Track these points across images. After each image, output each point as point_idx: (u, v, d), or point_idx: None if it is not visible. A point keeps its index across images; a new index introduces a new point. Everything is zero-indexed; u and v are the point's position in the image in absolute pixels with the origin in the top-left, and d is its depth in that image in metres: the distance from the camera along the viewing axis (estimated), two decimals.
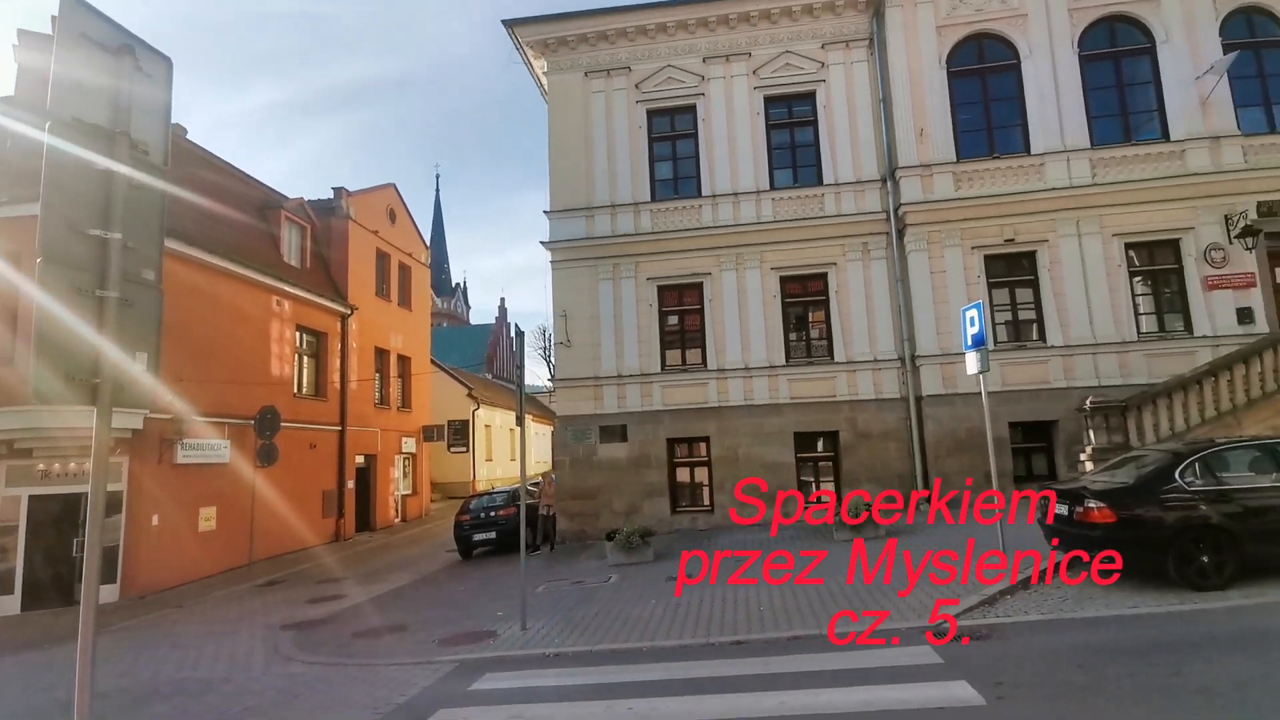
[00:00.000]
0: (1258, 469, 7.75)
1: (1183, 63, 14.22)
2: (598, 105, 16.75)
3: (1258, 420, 11.58)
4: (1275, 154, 13.86)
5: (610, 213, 16.38)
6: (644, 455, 15.53)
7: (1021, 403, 13.91)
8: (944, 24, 15.21)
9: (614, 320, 16.03)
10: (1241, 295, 13.75)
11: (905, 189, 14.85)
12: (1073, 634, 6.25)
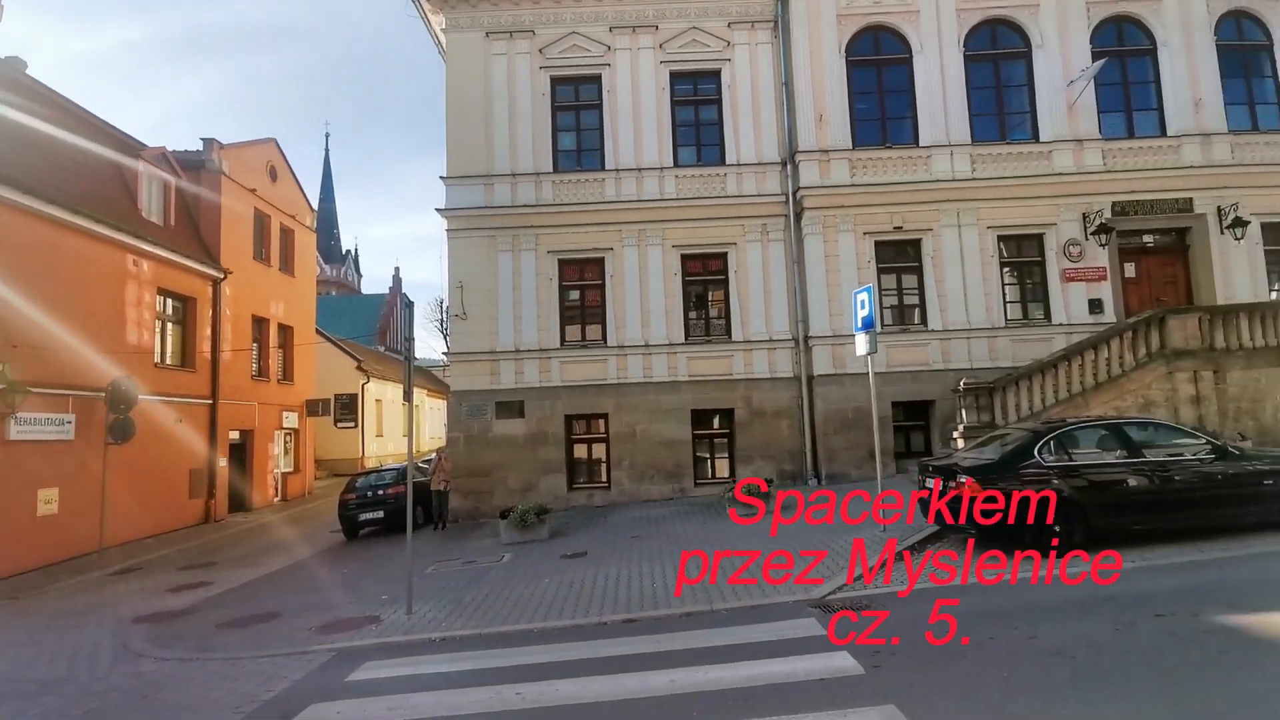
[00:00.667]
0: (1103, 446, 8.49)
1: (1055, 67, 15.25)
2: (499, 68, 16.06)
3: (1102, 402, 12.73)
4: (1131, 158, 15.17)
5: (511, 182, 15.83)
6: (541, 432, 15.28)
7: (903, 383, 14.67)
8: (844, 13, 15.56)
9: (513, 293, 15.58)
10: (1094, 288, 15.05)
11: (804, 173, 15.19)
12: (943, 600, 6.62)
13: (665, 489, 15.08)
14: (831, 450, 14.62)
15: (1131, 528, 7.93)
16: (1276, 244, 15.13)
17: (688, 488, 15.12)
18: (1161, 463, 8.09)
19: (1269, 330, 12.97)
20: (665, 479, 15.12)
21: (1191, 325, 12.92)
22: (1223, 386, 12.76)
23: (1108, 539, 7.78)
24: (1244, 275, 14.87)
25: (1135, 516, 7.93)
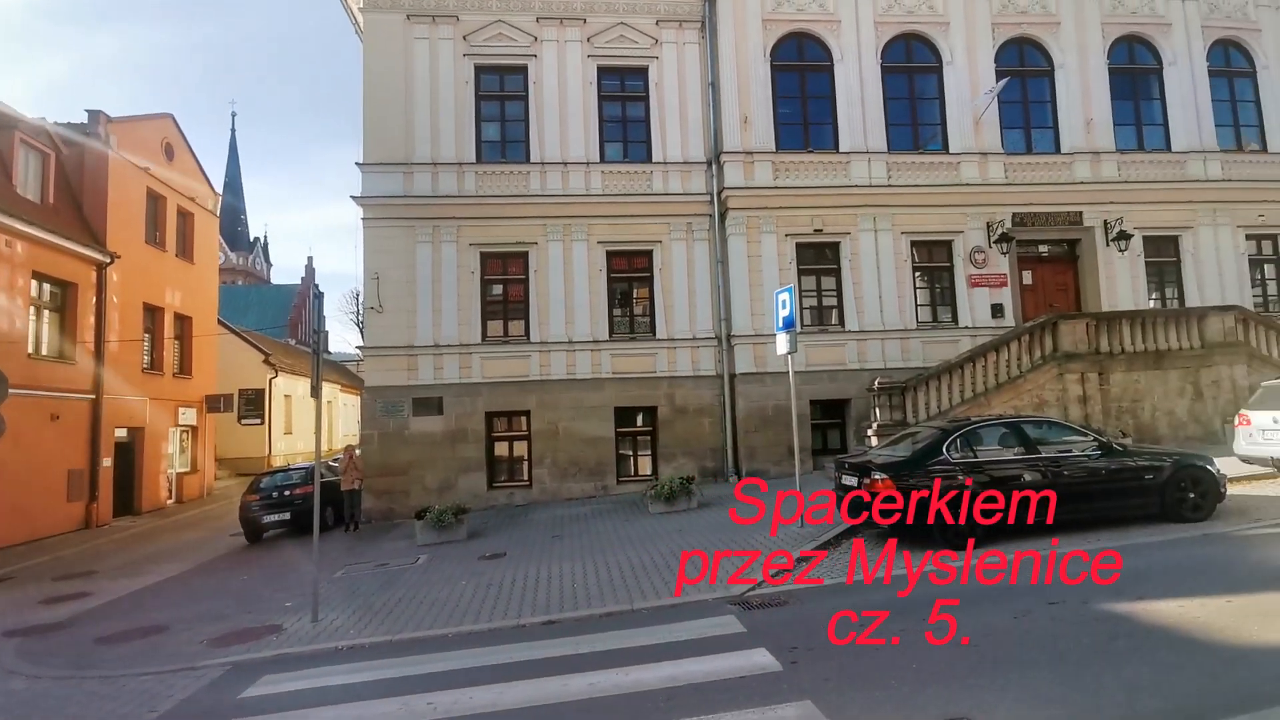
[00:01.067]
0: (1003, 443, 8.93)
1: (963, 83, 16.01)
2: (420, 53, 15.49)
3: (1003, 401, 13.48)
4: (1029, 172, 16.11)
5: (432, 171, 15.31)
6: (461, 429, 14.86)
7: (821, 382, 15.08)
8: (769, 18, 15.83)
9: (432, 286, 15.08)
10: (996, 293, 15.90)
11: (729, 174, 15.36)
12: (854, 595, 6.81)
13: (588, 487, 14.96)
14: (752, 448, 14.86)
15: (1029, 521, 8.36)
16: (1155, 256, 16.41)
17: (610, 485, 15.05)
18: (1054, 459, 8.58)
19: (1147, 336, 14.05)
20: (588, 477, 15.00)
21: (1080, 330, 13.85)
22: (1106, 387, 13.74)
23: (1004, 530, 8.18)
24: (1126, 285, 16.06)
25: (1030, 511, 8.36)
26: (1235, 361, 13.97)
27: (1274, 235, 16.70)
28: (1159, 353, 13.92)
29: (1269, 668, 4.32)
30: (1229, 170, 16.49)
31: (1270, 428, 10.00)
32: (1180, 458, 8.82)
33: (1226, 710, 3.80)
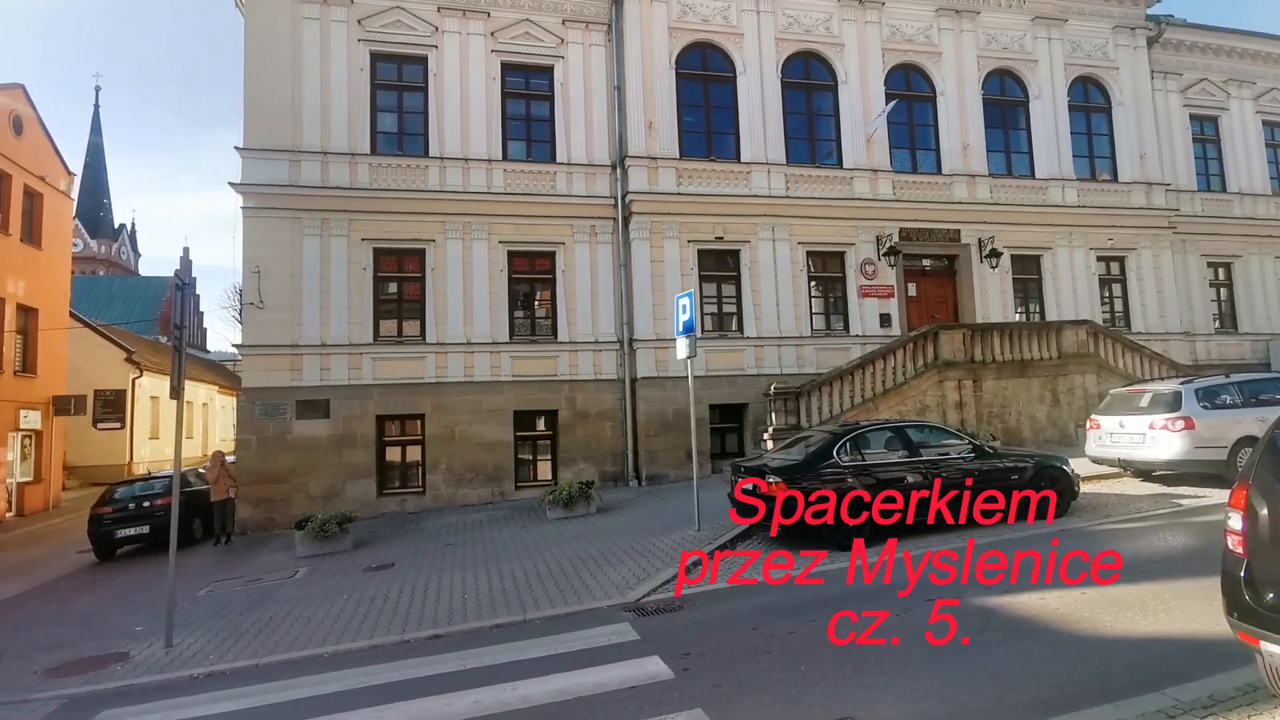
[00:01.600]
0: (888, 447, 9.34)
1: (856, 103, 16.77)
2: (310, 34, 14.61)
3: (889, 406, 14.18)
4: (914, 190, 17.06)
5: (322, 160, 14.45)
6: (349, 433, 14.07)
7: (721, 387, 15.33)
8: (675, 26, 16.00)
9: (320, 282, 14.22)
10: (884, 303, 16.73)
11: (633, 178, 15.38)
12: (749, 599, 6.89)
13: (484, 492, 14.53)
14: (652, 452, 14.90)
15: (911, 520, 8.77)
16: (1021, 273, 17.78)
17: (508, 491, 14.68)
18: (934, 461, 9.06)
19: (1014, 346, 15.19)
20: (485, 482, 14.57)
21: (958, 340, 14.79)
22: (980, 394, 14.74)
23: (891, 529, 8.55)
24: (997, 299, 17.30)
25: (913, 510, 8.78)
26: (1087, 371, 15.33)
27: (1121, 257, 18.48)
28: (1024, 362, 15.08)
29: (1120, 657, 4.66)
30: (1084, 197, 18.11)
31: (1117, 431, 11.01)
32: (1041, 459, 9.54)
33: (1084, 700, 4.05)
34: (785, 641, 5.48)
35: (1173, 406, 10.40)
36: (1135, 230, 18.35)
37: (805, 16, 16.75)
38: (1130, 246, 18.36)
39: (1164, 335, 18.13)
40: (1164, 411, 10.43)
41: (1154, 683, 4.07)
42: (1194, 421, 10.16)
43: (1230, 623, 3.36)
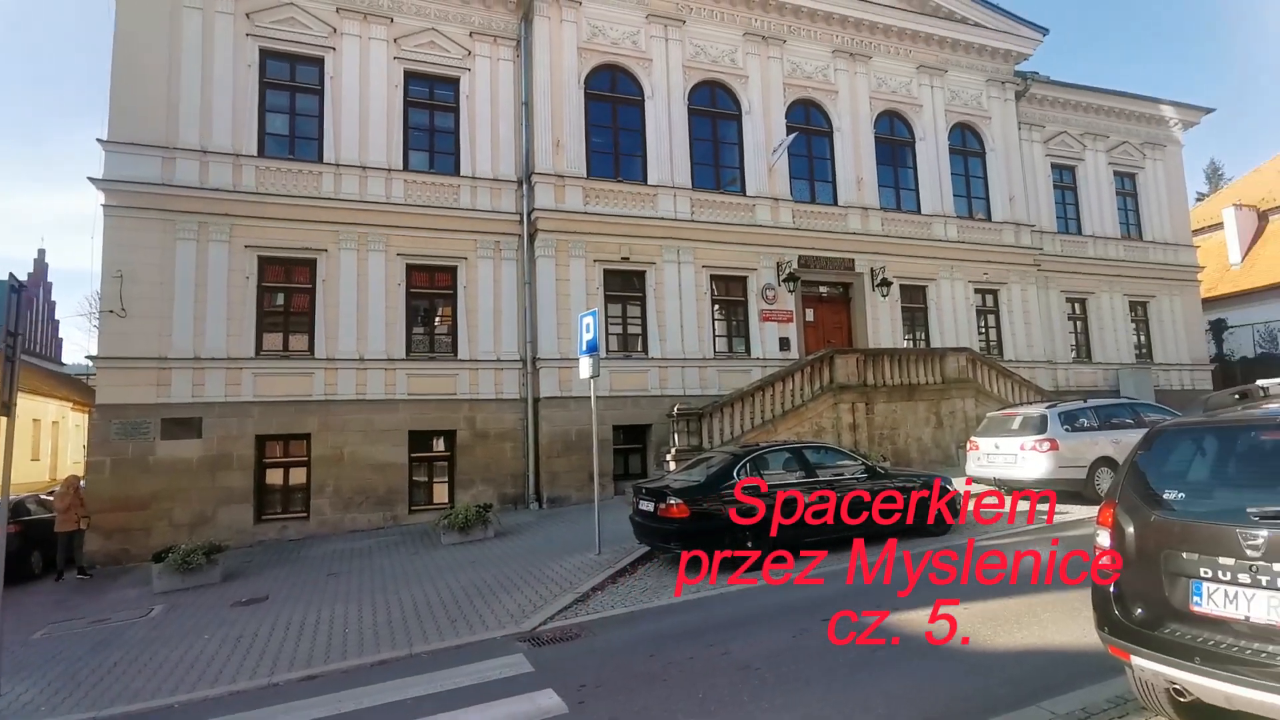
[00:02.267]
0: (786, 467, 9.53)
1: (759, 133, 17.34)
2: (192, 24, 13.62)
3: (788, 428, 14.55)
4: (813, 220, 17.77)
5: (200, 160, 13.42)
6: (224, 455, 12.97)
7: (624, 407, 15.26)
8: (585, 47, 16.04)
9: (195, 290, 13.13)
10: (783, 327, 17.25)
11: (540, 195, 15.19)
12: (648, 624, 6.76)
13: (375, 517, 13.74)
14: (554, 473, 14.60)
15: (807, 540, 8.94)
16: (909, 302, 18.82)
17: (401, 515, 13.95)
18: (829, 481, 9.31)
19: (902, 371, 16.00)
20: (375, 506, 13.78)
21: (852, 364, 15.42)
22: (872, 416, 15.40)
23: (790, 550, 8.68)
24: (887, 325, 18.23)
25: (810, 529, 8.96)
26: (967, 395, 16.35)
27: (995, 290, 19.95)
28: (911, 386, 15.90)
29: (1001, 671, 4.84)
30: (963, 234, 19.47)
31: (993, 452, 11.74)
32: (927, 478, 9.99)
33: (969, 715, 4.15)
34: (684, 667, 5.37)
35: (1040, 429, 11.21)
36: (1006, 266, 19.88)
37: (712, 47, 17.23)
38: (1002, 281, 19.86)
39: (1031, 363, 19.67)
40: (1032, 434, 11.23)
41: (1032, 695, 4.23)
42: (1058, 443, 10.99)
43: (1101, 637, 3.53)
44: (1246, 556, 2.91)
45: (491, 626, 6.94)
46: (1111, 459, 11.14)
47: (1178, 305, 23.01)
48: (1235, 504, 3.08)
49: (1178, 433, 3.63)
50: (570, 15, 15.90)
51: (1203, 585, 3.08)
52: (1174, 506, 3.34)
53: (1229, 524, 3.01)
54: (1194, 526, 3.17)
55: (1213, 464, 3.40)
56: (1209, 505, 3.26)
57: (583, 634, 6.61)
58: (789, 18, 17.99)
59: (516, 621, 7.02)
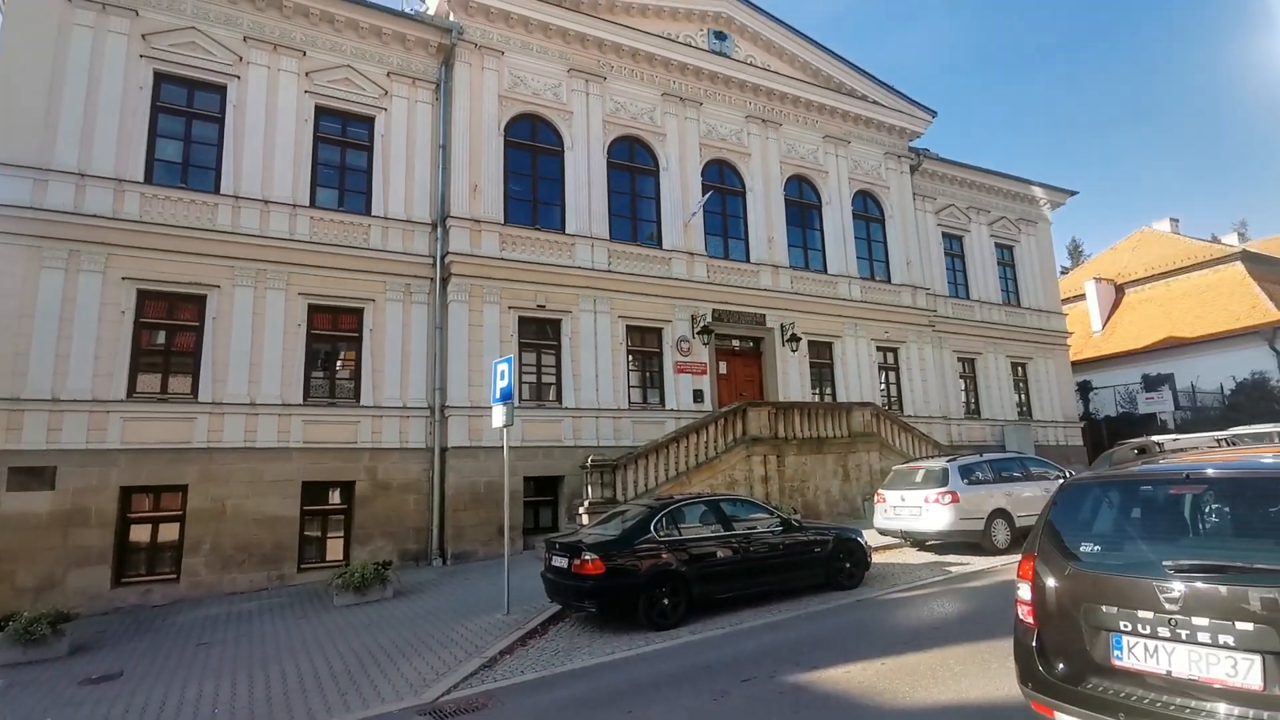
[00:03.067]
0: (703, 521, 9.41)
1: (676, 189, 17.80)
2: (81, 41, 12.67)
3: (702, 480, 14.53)
4: (726, 275, 18.24)
5: (77, 183, 12.32)
6: (80, 509, 11.56)
7: (536, 458, 14.83)
8: (506, 95, 16.08)
9: (60, 325, 11.86)
10: (697, 379, 17.42)
11: (454, 239, 14.86)
12: (563, 689, 6.35)
13: (259, 577, 12.54)
14: (460, 527, 13.88)
15: (722, 595, 8.79)
16: (817, 358, 19.50)
17: (289, 574, 12.81)
18: (746, 535, 9.26)
19: (812, 424, 16.41)
20: (260, 565, 12.60)
21: (764, 417, 15.68)
22: (783, 469, 15.63)
23: (706, 607, 8.49)
24: (796, 380, 18.77)
25: (726, 584, 8.84)
26: (871, 449, 16.92)
27: (895, 348, 21.01)
28: (820, 439, 16.31)
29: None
30: (866, 294, 20.52)
31: (899, 504, 12.09)
32: (839, 532, 10.12)
33: None
34: None
35: (942, 482, 11.67)
36: (905, 325, 21.04)
37: (632, 104, 17.68)
38: (902, 339, 20.96)
39: (929, 418, 20.70)
40: (935, 486, 11.67)
41: None
42: (958, 495, 11.45)
43: (1025, 692, 3.52)
44: (1164, 609, 2.98)
45: (388, 698, 6.32)
46: (1006, 511, 11.72)
47: (1051, 367, 24.98)
48: (1150, 557, 3.18)
49: (1089, 486, 3.77)
50: (492, 64, 15.95)
51: (1123, 639, 3.13)
52: (1090, 559, 3.42)
53: (1145, 577, 3.09)
54: (1111, 579, 3.24)
55: (1125, 517, 3.53)
56: (1124, 558, 3.36)
57: (490, 703, 6.12)
58: (705, 82, 18.78)
59: (416, 692, 6.43)
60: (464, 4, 15.64)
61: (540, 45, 16.64)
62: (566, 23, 16.69)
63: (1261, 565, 2.82)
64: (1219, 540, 3.18)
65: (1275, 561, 2.82)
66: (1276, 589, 2.69)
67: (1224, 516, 3.21)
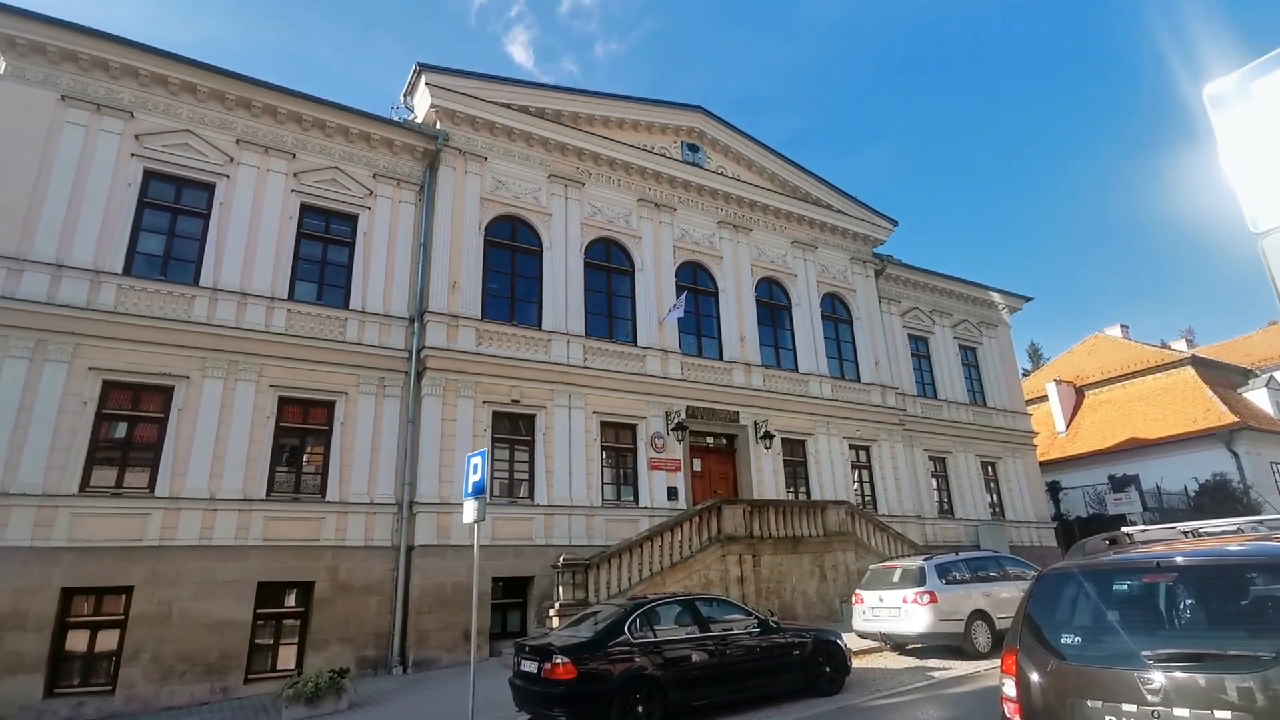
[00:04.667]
0: (679, 622, 9.12)
1: (651, 288, 18.34)
2: (71, 139, 13.03)
3: (676, 580, 14.13)
4: (700, 373, 18.52)
5: (54, 273, 12.32)
6: (17, 610, 10.81)
7: (506, 558, 14.37)
8: (487, 197, 16.72)
9: (16, 415, 11.51)
10: (672, 476, 17.29)
11: (431, 333, 14.98)
12: None
13: (201, 689, 11.66)
14: (424, 631, 13.20)
15: (699, 701, 8.39)
16: (791, 455, 19.56)
17: (234, 685, 11.93)
18: (723, 637, 8.97)
19: (787, 523, 16.23)
20: (204, 675, 11.74)
21: (739, 515, 15.50)
22: (759, 568, 15.30)
23: (682, 715, 8.07)
24: (770, 477, 18.72)
25: (703, 690, 8.46)
26: (847, 548, 16.71)
27: (867, 446, 21.19)
28: (796, 538, 16.09)
29: None
30: (837, 393, 20.89)
31: (878, 605, 11.84)
32: (818, 634, 9.85)
33: None
34: None
35: (919, 581, 11.51)
36: (875, 424, 21.32)
37: (608, 209, 18.47)
38: (873, 438, 21.19)
39: (903, 517, 20.62)
40: (912, 585, 11.49)
41: None
42: (937, 595, 11.26)
43: None
44: (1147, 701, 2.95)
45: None
46: (985, 612, 11.52)
47: (1021, 466, 25.29)
48: (1130, 648, 3.17)
49: (1065, 576, 3.78)
50: (475, 168, 16.68)
51: None
52: (1072, 652, 3.40)
53: (1126, 668, 3.07)
54: (1093, 672, 3.21)
55: (1102, 607, 3.53)
56: (1105, 649, 3.34)
57: None
58: (679, 190, 19.78)
59: None
60: (451, 114, 16.50)
61: (522, 152, 17.50)
62: (548, 132, 17.65)
63: (1235, 652, 2.83)
64: (1194, 628, 3.19)
65: (1248, 648, 2.83)
66: (1250, 676, 2.69)
67: (1196, 604, 3.24)
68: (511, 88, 17.44)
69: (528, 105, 17.49)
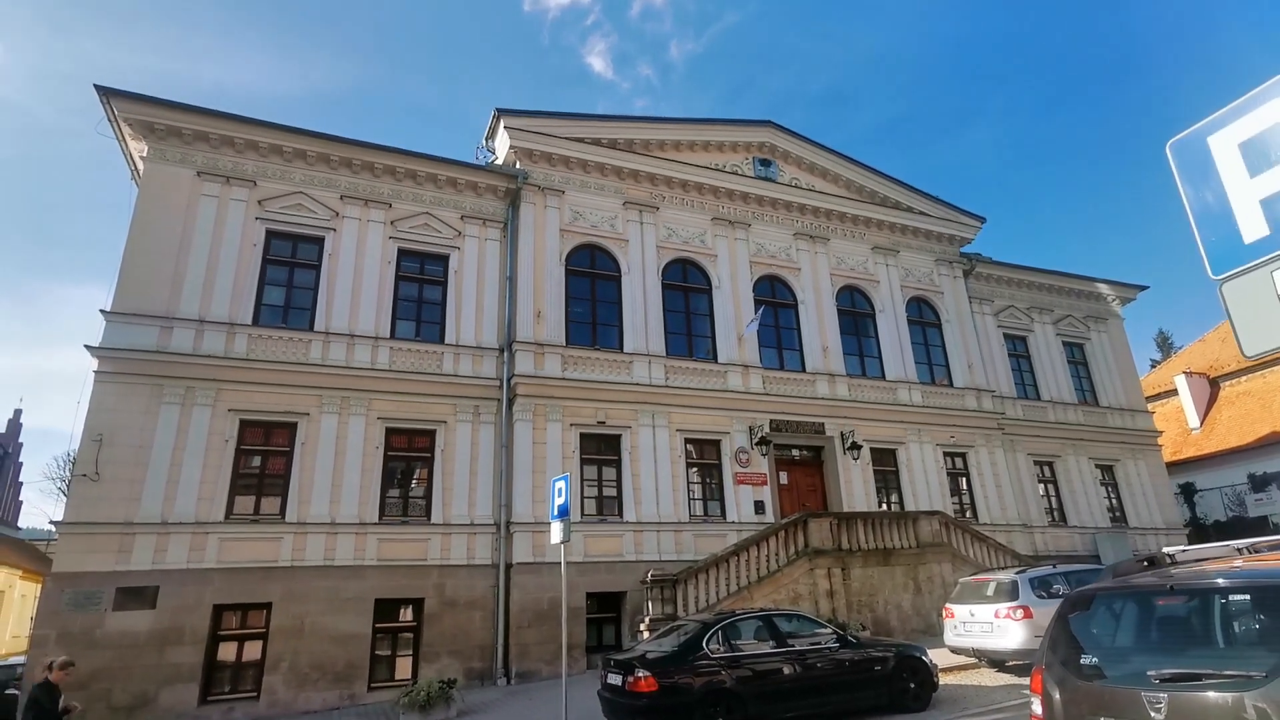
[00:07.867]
0: (759, 637, 9.37)
1: (729, 304, 18.62)
2: (207, 211, 14.89)
3: (764, 594, 14.27)
4: (783, 386, 18.58)
5: (197, 328, 14.10)
6: (176, 627, 12.42)
7: (598, 574, 14.98)
8: (566, 229, 17.60)
9: (172, 454, 13.25)
10: (758, 490, 17.42)
11: (520, 361, 15.92)
12: None
13: (331, 695, 12.92)
14: (524, 645, 14.00)
15: (778, 716, 8.59)
16: (880, 465, 19.20)
17: (359, 692, 13.14)
18: (802, 652, 9.12)
19: (877, 535, 16.00)
20: (332, 682, 13.01)
21: (826, 528, 15.45)
22: (849, 582, 15.18)
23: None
24: (860, 488, 18.47)
25: (783, 704, 8.66)
26: (943, 560, 16.25)
27: (963, 453, 20.46)
28: (887, 550, 15.83)
29: None
30: (928, 399, 20.33)
31: (969, 620, 11.55)
32: (901, 649, 9.80)
33: None
34: None
35: (1012, 595, 11.15)
36: (972, 429, 20.56)
37: (683, 230, 18.94)
38: (969, 444, 20.44)
39: (1007, 526, 19.74)
40: (1005, 600, 11.14)
41: None
42: (1032, 610, 10.87)
43: None
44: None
45: None
46: None
47: (1143, 469, 23.57)
48: (1140, 668, 3.27)
49: (1087, 598, 3.87)
50: (554, 202, 17.61)
51: None
52: (1090, 672, 3.51)
53: (1134, 688, 3.18)
54: (1107, 691, 3.33)
55: (1121, 628, 3.61)
56: (1117, 669, 3.44)
57: None
58: (753, 205, 19.98)
59: None
60: (529, 152, 17.53)
61: (597, 183, 18.30)
62: (621, 162, 18.37)
63: (1231, 672, 2.89)
64: (1201, 649, 3.24)
65: (1243, 669, 2.89)
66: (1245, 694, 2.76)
67: (1204, 625, 3.27)
68: (583, 122, 18.29)
69: (600, 137, 18.28)
